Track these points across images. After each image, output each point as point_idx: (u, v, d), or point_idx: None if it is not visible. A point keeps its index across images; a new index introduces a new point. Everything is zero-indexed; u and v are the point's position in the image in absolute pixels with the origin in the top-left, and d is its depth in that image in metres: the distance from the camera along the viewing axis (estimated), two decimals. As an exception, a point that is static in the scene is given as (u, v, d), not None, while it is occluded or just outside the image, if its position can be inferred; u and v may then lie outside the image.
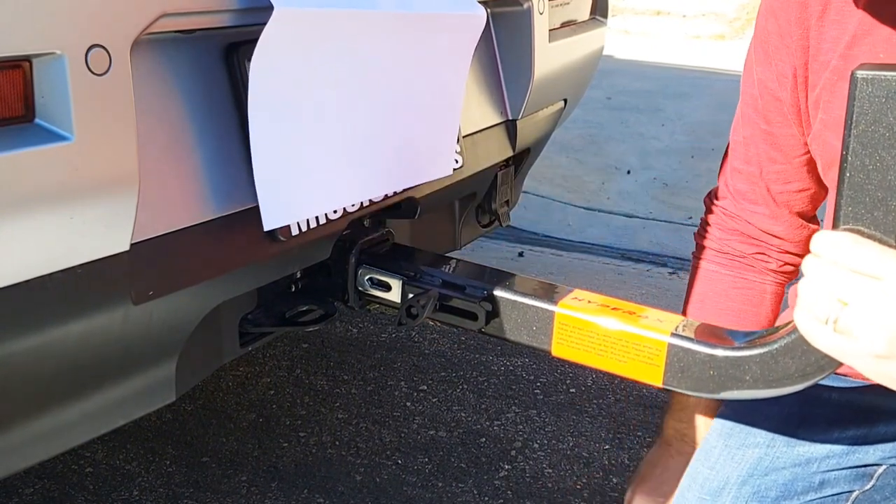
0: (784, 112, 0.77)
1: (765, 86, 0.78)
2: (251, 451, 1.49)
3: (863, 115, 0.56)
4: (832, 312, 0.54)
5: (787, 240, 0.83)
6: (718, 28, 6.72)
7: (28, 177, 0.67)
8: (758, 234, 0.83)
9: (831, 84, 0.71)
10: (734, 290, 0.84)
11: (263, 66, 0.79)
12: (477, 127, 1.23)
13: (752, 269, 0.84)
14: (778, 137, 0.79)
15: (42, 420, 0.78)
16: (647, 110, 4.02)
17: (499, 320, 0.83)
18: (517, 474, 1.46)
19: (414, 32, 0.94)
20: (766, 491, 0.78)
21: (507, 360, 1.78)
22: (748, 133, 0.81)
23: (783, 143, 0.79)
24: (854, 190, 0.57)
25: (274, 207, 0.84)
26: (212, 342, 0.95)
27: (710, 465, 0.81)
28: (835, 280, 0.54)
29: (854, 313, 0.53)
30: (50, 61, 0.67)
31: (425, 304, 0.86)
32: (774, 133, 0.79)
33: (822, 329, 0.55)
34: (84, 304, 0.75)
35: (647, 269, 2.39)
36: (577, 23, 1.49)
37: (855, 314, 0.53)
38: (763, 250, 0.84)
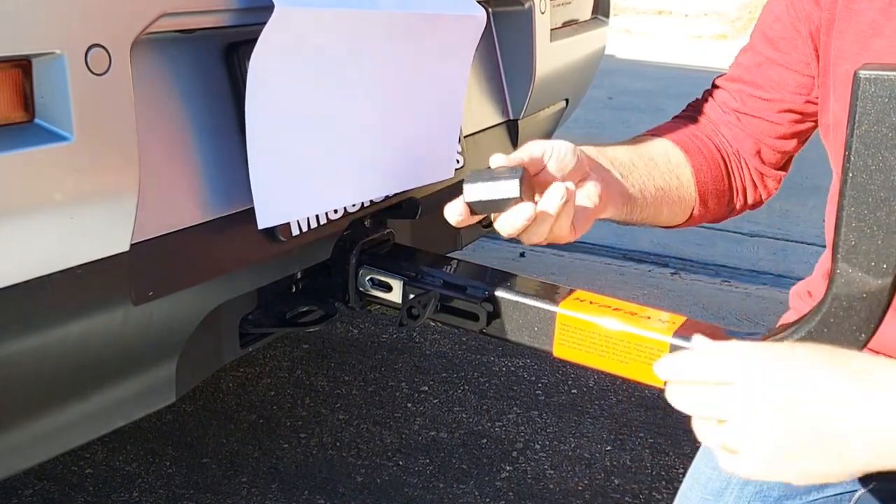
0: (798, 46, 0.75)
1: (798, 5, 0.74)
2: (251, 453, 1.48)
3: (865, 116, 0.56)
4: (717, 438, 0.51)
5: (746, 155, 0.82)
6: (720, 28, 6.73)
7: (28, 177, 0.67)
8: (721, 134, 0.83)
9: (865, 38, 0.68)
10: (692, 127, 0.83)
11: (263, 65, 0.79)
12: (478, 127, 1.23)
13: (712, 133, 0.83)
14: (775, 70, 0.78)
15: (42, 421, 0.78)
16: (648, 110, 4.02)
17: (500, 321, 0.82)
18: (519, 475, 1.46)
19: (415, 32, 0.93)
20: (768, 490, 0.77)
21: (508, 360, 1.77)
22: (746, 56, 0.81)
23: (778, 78, 0.78)
24: (857, 190, 0.57)
25: (269, 206, 0.83)
26: (212, 343, 0.95)
27: (713, 465, 0.81)
28: (698, 403, 0.52)
29: (729, 431, 0.50)
30: (50, 61, 0.67)
31: (426, 304, 0.86)
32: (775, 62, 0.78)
33: (722, 456, 0.52)
34: (84, 304, 0.75)
35: (648, 270, 2.39)
36: (578, 22, 1.49)
37: (730, 431, 0.50)
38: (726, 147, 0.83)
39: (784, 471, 0.50)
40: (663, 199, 0.78)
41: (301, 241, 0.91)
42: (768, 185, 0.85)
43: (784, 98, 0.79)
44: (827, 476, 0.50)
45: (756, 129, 0.81)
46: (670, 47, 5.96)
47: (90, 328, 0.76)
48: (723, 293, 2.25)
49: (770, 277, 2.37)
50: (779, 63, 0.78)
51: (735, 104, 0.82)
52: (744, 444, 0.50)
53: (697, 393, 0.52)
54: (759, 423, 0.49)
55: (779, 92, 0.79)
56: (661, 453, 1.51)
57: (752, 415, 0.50)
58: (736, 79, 0.82)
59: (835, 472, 0.50)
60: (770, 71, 0.79)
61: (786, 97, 0.78)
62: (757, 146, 0.82)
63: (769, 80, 0.79)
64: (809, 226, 2.71)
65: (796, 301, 0.85)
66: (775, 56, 0.78)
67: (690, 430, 0.54)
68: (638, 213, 0.77)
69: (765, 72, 0.79)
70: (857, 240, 0.58)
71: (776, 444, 0.49)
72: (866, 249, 0.58)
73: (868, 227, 0.57)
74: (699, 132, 0.83)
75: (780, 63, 0.78)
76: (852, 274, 0.59)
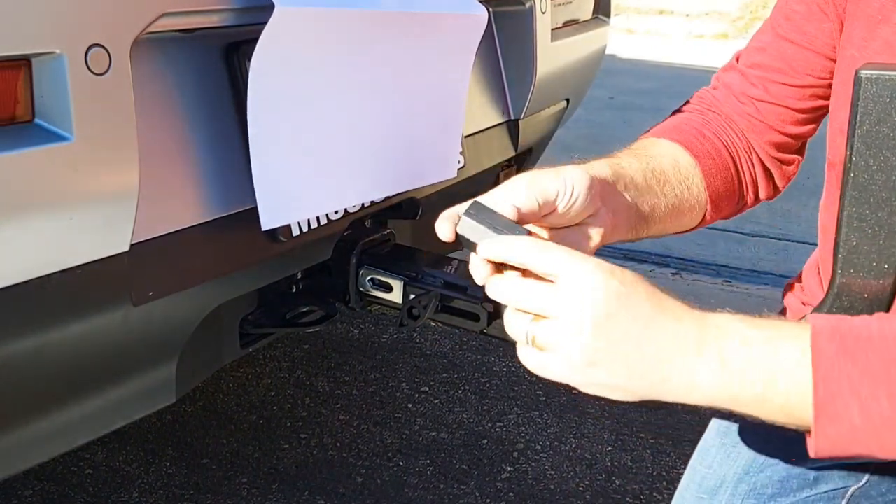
0: (825, 28, 0.72)
1: None
2: (252, 453, 1.48)
3: (867, 115, 0.55)
4: (528, 330, 0.50)
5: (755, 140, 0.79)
6: (722, 27, 6.71)
7: (27, 177, 0.67)
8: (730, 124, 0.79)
9: (873, 23, 0.66)
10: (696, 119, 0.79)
11: (264, 65, 0.79)
12: (479, 127, 1.23)
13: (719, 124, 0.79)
14: (801, 54, 0.74)
15: (41, 421, 0.78)
16: (650, 110, 4.00)
17: (501, 321, 0.82)
18: (519, 476, 1.45)
19: (416, 32, 0.93)
20: (762, 488, 0.77)
21: (509, 361, 1.77)
22: (766, 39, 0.77)
23: (804, 63, 0.74)
24: (858, 190, 0.57)
25: (272, 207, 0.83)
26: (212, 343, 0.94)
27: (708, 463, 0.81)
28: (516, 293, 0.50)
29: (544, 326, 0.49)
30: (49, 61, 0.67)
31: (427, 304, 0.86)
32: (800, 45, 0.74)
33: (525, 350, 0.51)
34: (83, 305, 0.75)
35: (650, 270, 2.38)
36: (579, 22, 1.48)
37: (545, 327, 0.49)
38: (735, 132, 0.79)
39: (584, 380, 0.50)
40: (674, 213, 0.76)
41: (301, 241, 0.91)
42: (786, 172, 0.82)
43: (811, 83, 0.75)
44: (624, 393, 0.51)
45: (776, 117, 0.78)
46: (672, 47, 5.95)
47: (90, 329, 0.76)
48: (724, 293, 2.25)
49: (771, 278, 2.36)
50: (804, 46, 0.74)
51: (756, 92, 0.78)
52: (556, 345, 0.49)
53: (522, 284, 0.50)
54: (579, 328, 0.49)
55: (806, 77, 0.75)
56: (663, 454, 1.51)
57: (575, 319, 0.49)
58: (756, 64, 0.78)
59: (633, 392, 0.51)
60: (796, 55, 0.75)
61: (812, 82, 0.75)
62: (775, 136, 0.79)
63: (795, 64, 0.75)
64: (811, 226, 2.69)
65: (790, 299, 0.85)
66: (800, 39, 0.75)
67: (692, 430, 0.54)
68: (646, 231, 0.74)
69: (790, 56, 0.75)
70: (858, 240, 0.58)
71: (587, 353, 0.49)
72: (867, 250, 0.58)
73: (869, 227, 0.57)
74: (707, 130, 0.80)
75: (807, 46, 0.74)
76: (853, 275, 0.59)
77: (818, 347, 0.50)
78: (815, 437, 0.50)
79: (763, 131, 0.80)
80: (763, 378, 0.50)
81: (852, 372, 0.49)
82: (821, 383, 0.49)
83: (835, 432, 0.49)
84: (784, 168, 0.82)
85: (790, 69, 0.76)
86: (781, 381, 0.50)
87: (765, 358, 0.50)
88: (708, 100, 0.83)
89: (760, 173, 0.82)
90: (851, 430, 0.49)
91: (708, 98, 0.83)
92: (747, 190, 0.82)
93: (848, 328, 0.51)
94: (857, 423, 0.49)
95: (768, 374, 0.50)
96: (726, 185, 0.79)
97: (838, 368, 0.49)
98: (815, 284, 0.79)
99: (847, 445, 0.50)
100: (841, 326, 0.51)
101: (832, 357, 0.50)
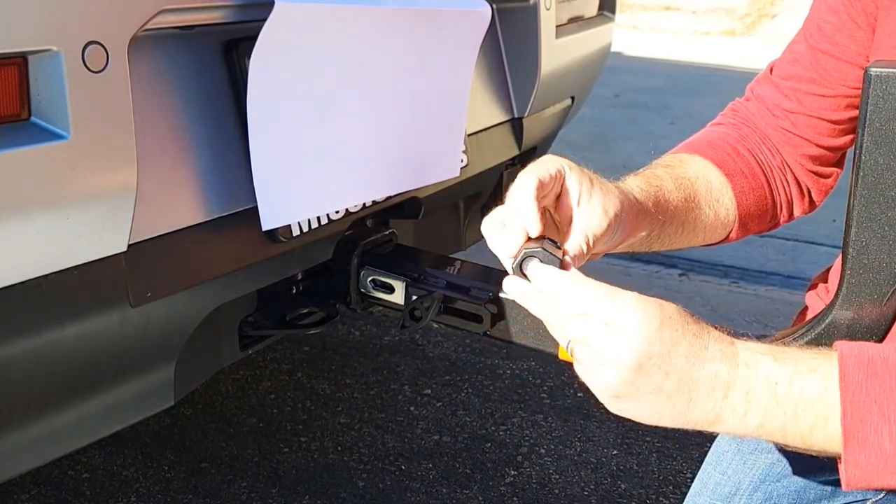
0: (857, 38, 0.72)
1: None
2: (251, 457, 1.47)
3: (877, 113, 0.55)
4: (569, 341, 0.55)
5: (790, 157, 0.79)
6: (729, 24, 6.69)
7: (23, 176, 0.66)
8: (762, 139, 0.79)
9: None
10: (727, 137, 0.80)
11: (263, 62, 0.78)
12: (482, 125, 1.22)
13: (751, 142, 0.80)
14: (833, 64, 0.74)
15: (38, 425, 0.77)
16: (655, 108, 4.00)
17: (504, 323, 0.81)
18: (523, 480, 1.44)
19: (418, 29, 0.92)
20: (777, 497, 0.76)
21: (512, 363, 1.76)
22: (800, 49, 0.77)
23: (837, 73, 0.74)
24: (868, 189, 0.56)
25: (273, 207, 0.82)
26: (211, 345, 0.94)
27: (722, 469, 0.79)
28: (556, 317, 0.55)
29: (579, 351, 0.54)
30: (46, 58, 0.66)
31: (429, 306, 0.85)
32: (832, 56, 0.74)
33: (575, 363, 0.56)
34: (80, 306, 0.74)
35: (655, 271, 2.37)
36: (584, 19, 1.48)
37: (580, 352, 0.54)
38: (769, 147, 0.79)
39: (608, 405, 0.54)
40: (696, 232, 0.77)
41: (302, 241, 0.90)
42: (824, 186, 0.81)
43: (845, 93, 0.74)
44: (646, 421, 0.54)
45: (813, 130, 0.77)
46: (678, 44, 5.93)
47: (87, 330, 0.75)
48: (732, 295, 2.24)
49: (779, 279, 2.35)
50: (837, 56, 0.74)
51: (790, 105, 0.78)
52: (588, 372, 0.54)
53: (559, 312, 0.55)
54: (612, 370, 0.52)
55: (840, 88, 0.74)
56: (669, 458, 1.49)
57: (609, 359, 0.53)
58: (790, 76, 0.78)
59: (655, 422, 0.54)
60: (828, 65, 0.74)
61: (847, 92, 0.74)
62: (812, 150, 0.78)
63: (828, 75, 0.75)
64: (819, 226, 2.68)
65: (812, 299, 0.83)
66: (832, 50, 0.74)
67: (699, 434, 0.53)
68: (656, 247, 0.76)
69: (823, 67, 0.75)
70: (868, 239, 0.57)
71: (615, 389, 0.53)
72: (878, 249, 0.57)
73: (879, 226, 0.57)
74: (741, 147, 0.79)
75: (839, 56, 0.74)
76: (863, 274, 0.58)
77: (846, 373, 0.51)
78: (845, 464, 0.51)
79: (799, 145, 0.79)
80: (786, 415, 0.52)
81: (880, 396, 0.50)
82: (849, 408, 0.50)
83: (865, 460, 0.50)
84: (822, 181, 0.81)
85: (823, 80, 0.75)
86: (804, 415, 0.51)
87: (790, 396, 0.51)
88: (742, 113, 0.82)
89: (795, 191, 0.81)
90: (882, 458, 0.50)
91: (742, 111, 0.82)
92: (780, 209, 0.81)
93: (875, 353, 0.51)
94: (888, 450, 0.49)
95: (792, 411, 0.51)
96: (758, 205, 0.79)
97: (866, 392, 0.50)
98: None
99: (880, 475, 0.50)
100: (868, 351, 0.52)
101: (860, 382, 0.50)
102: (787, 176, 0.80)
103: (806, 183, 0.80)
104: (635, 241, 0.70)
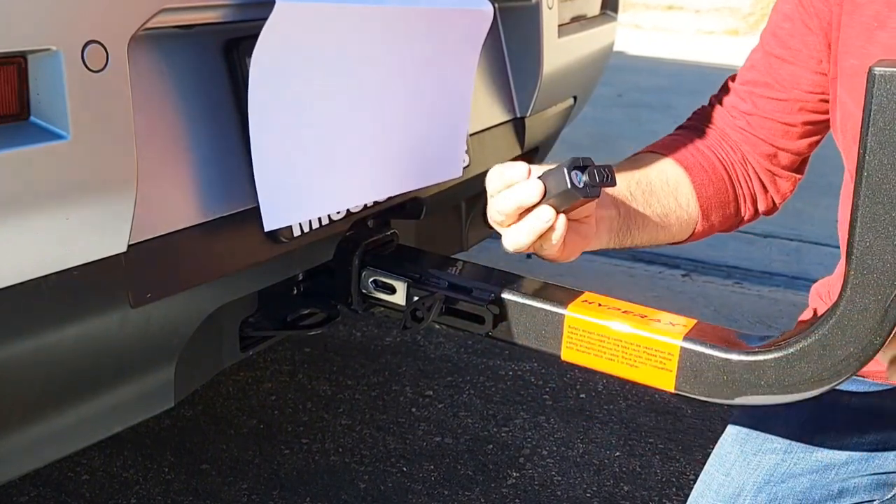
0: (809, 42, 0.75)
1: (807, 2, 0.74)
2: (252, 459, 1.47)
3: (880, 113, 0.55)
4: None
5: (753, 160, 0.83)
6: (732, 23, 6.68)
7: (22, 176, 0.66)
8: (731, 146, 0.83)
9: (869, 30, 0.68)
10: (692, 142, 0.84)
11: (264, 62, 0.77)
12: (484, 125, 1.21)
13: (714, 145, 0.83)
14: (786, 69, 0.78)
15: (37, 426, 0.77)
16: (658, 107, 3.99)
17: (506, 324, 0.81)
18: (525, 482, 1.44)
19: (420, 28, 0.92)
20: (782, 499, 0.76)
21: (515, 364, 1.75)
22: (757, 57, 0.81)
23: (790, 78, 0.78)
24: (872, 190, 0.56)
25: (275, 208, 0.82)
26: (211, 346, 0.93)
27: (725, 471, 0.79)
28: None
29: None
30: (45, 57, 0.66)
31: (431, 307, 0.84)
32: (785, 60, 0.78)
33: None
34: (80, 307, 0.74)
35: (658, 272, 2.36)
36: (586, 18, 1.47)
37: None
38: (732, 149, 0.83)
39: None
40: (659, 223, 0.79)
41: (303, 241, 0.90)
42: (781, 188, 0.84)
43: (798, 97, 0.78)
44: None
45: (768, 132, 0.81)
46: (681, 43, 5.92)
47: (87, 331, 0.75)
48: (735, 295, 2.23)
49: (783, 279, 2.34)
50: (790, 61, 0.77)
51: (745, 107, 0.81)
52: None
53: None
54: None
55: (792, 91, 0.78)
56: (672, 459, 1.49)
57: None
58: (747, 81, 0.82)
59: None
60: (781, 70, 0.78)
61: (799, 96, 0.78)
62: (768, 149, 0.81)
63: (781, 79, 0.78)
64: (823, 226, 2.68)
65: (816, 300, 0.84)
66: (786, 55, 0.77)
67: (702, 436, 0.53)
68: (629, 240, 0.78)
69: (776, 71, 0.79)
70: (872, 240, 0.57)
71: None
72: (882, 250, 0.57)
73: (884, 227, 0.56)
74: (702, 144, 0.82)
75: (792, 61, 0.77)
76: (868, 276, 0.58)
77: None
78: None
79: (756, 143, 0.82)
80: None
81: None
82: None
83: None
84: (778, 182, 0.84)
85: (777, 83, 0.79)
86: None
87: None
88: (704, 115, 0.86)
89: (758, 186, 0.85)
90: None
91: (704, 114, 0.86)
92: (744, 202, 0.84)
93: None
94: None
95: None
96: (719, 196, 0.82)
97: None
98: None
99: None
100: None
101: None
102: (749, 170, 0.83)
103: (765, 181, 0.84)
104: (599, 230, 0.73)
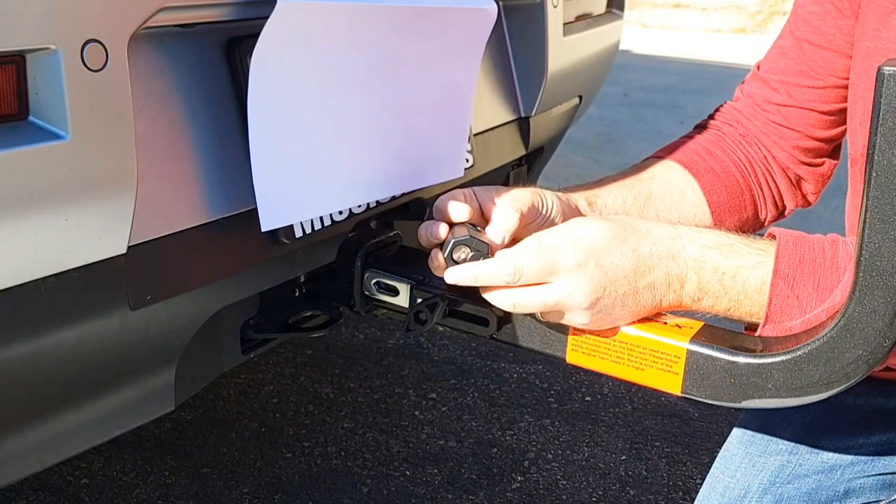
0: (842, 26, 0.73)
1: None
2: (253, 462, 1.46)
3: (890, 112, 0.54)
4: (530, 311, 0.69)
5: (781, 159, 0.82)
6: (740, 21, 6.68)
7: (21, 177, 0.65)
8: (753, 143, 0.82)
9: (886, 13, 0.67)
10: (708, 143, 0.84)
11: (265, 61, 0.77)
12: (488, 125, 1.21)
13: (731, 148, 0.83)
14: (821, 55, 0.76)
15: (36, 430, 0.76)
16: (665, 106, 3.98)
17: (511, 326, 0.80)
18: (530, 486, 1.42)
19: (423, 27, 0.91)
20: (788, 500, 0.75)
21: (519, 367, 1.74)
22: (786, 44, 0.79)
23: (825, 63, 0.76)
24: (881, 190, 0.55)
25: (272, 207, 0.81)
26: (212, 349, 0.93)
27: (731, 472, 0.79)
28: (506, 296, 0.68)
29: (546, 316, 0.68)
30: (44, 56, 0.65)
31: (434, 308, 0.83)
32: (819, 46, 0.76)
33: None
34: (79, 309, 0.73)
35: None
36: (592, 16, 1.47)
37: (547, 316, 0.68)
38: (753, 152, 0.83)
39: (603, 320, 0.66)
40: None
41: (304, 243, 0.89)
42: (816, 178, 0.82)
43: (835, 84, 0.75)
44: None
45: (803, 122, 0.78)
46: (688, 42, 5.91)
47: (86, 334, 0.75)
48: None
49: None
50: (824, 47, 0.75)
51: (779, 98, 0.79)
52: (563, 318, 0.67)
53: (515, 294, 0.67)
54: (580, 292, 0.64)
55: (829, 78, 0.75)
56: (678, 463, 1.47)
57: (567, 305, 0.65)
58: (778, 71, 0.79)
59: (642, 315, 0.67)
60: (816, 56, 0.75)
61: (836, 82, 0.75)
62: (803, 141, 0.79)
63: (817, 66, 0.76)
64: (833, 226, 2.65)
65: None
66: (819, 40, 0.75)
67: (708, 439, 0.52)
68: None
69: (811, 58, 0.76)
70: (881, 241, 0.56)
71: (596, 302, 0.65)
72: (890, 252, 0.56)
73: (893, 228, 0.56)
74: (715, 147, 0.80)
75: (826, 46, 0.75)
76: (876, 277, 0.57)
77: (778, 269, 0.63)
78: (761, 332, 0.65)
79: (790, 138, 0.80)
80: (730, 302, 0.65)
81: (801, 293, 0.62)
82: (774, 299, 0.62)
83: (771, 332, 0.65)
84: (815, 171, 0.82)
85: (812, 71, 0.76)
86: (745, 304, 0.64)
87: (733, 288, 0.64)
88: (728, 114, 0.83)
89: (785, 184, 0.82)
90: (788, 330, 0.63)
91: (728, 112, 0.83)
92: (764, 203, 0.82)
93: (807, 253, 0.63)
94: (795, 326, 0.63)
95: (735, 300, 0.65)
96: (732, 201, 0.81)
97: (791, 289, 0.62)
98: None
99: None
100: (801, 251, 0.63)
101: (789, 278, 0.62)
102: (774, 169, 0.81)
103: (798, 174, 0.82)
104: None
